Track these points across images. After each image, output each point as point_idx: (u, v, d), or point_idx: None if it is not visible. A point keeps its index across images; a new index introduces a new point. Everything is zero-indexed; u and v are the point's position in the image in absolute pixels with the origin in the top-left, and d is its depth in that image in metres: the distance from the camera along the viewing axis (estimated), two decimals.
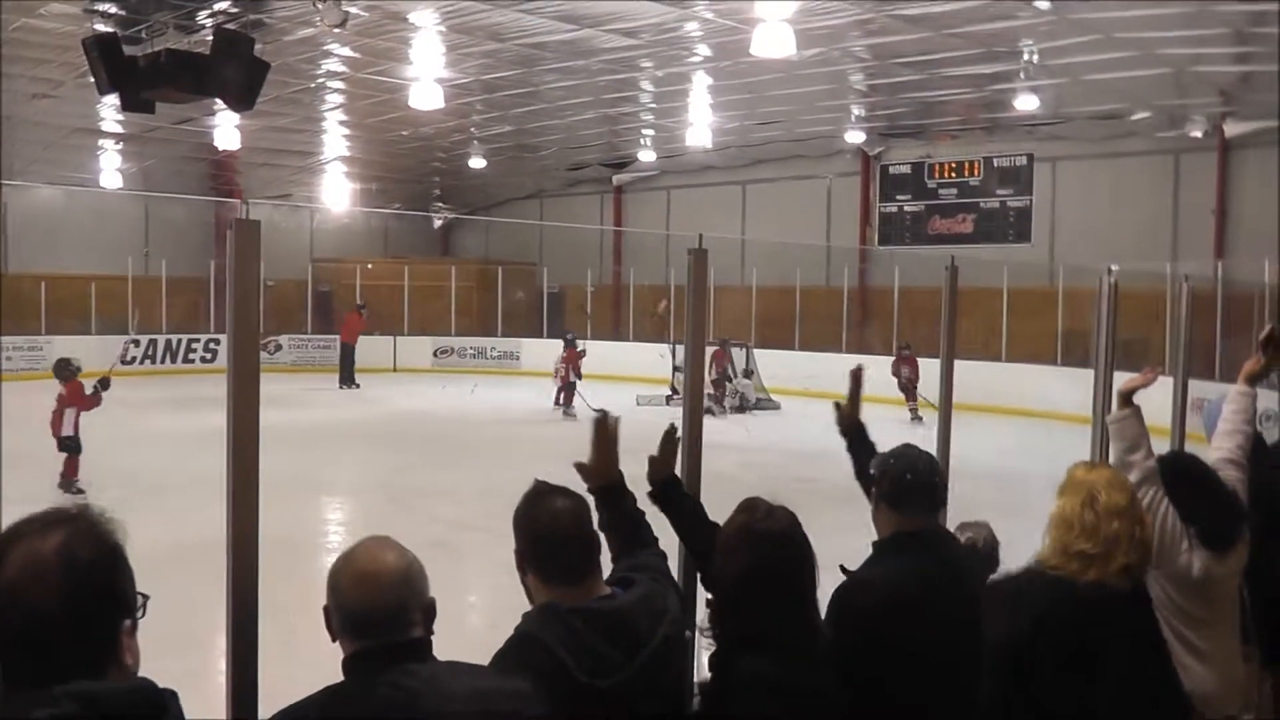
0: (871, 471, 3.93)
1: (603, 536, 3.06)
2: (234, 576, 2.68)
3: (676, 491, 3.70)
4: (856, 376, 4.68)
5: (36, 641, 1.75)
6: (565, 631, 2.61)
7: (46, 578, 1.76)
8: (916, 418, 20.59)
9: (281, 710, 2.31)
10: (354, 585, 2.34)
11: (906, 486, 3.72)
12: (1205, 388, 9.37)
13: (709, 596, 3.15)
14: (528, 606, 2.75)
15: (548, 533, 2.78)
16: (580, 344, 24.18)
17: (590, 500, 3.04)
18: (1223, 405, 5.34)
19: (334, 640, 2.38)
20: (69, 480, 13.57)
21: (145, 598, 1.88)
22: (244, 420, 2.69)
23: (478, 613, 9.50)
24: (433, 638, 2.40)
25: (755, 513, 3.09)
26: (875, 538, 3.81)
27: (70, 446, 13.63)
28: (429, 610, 2.39)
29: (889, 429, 4.78)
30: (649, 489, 3.64)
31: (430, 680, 2.27)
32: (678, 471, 3.75)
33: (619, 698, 2.59)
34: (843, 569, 3.65)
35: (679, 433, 3.75)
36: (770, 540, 3.00)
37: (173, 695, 1.87)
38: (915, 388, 21.40)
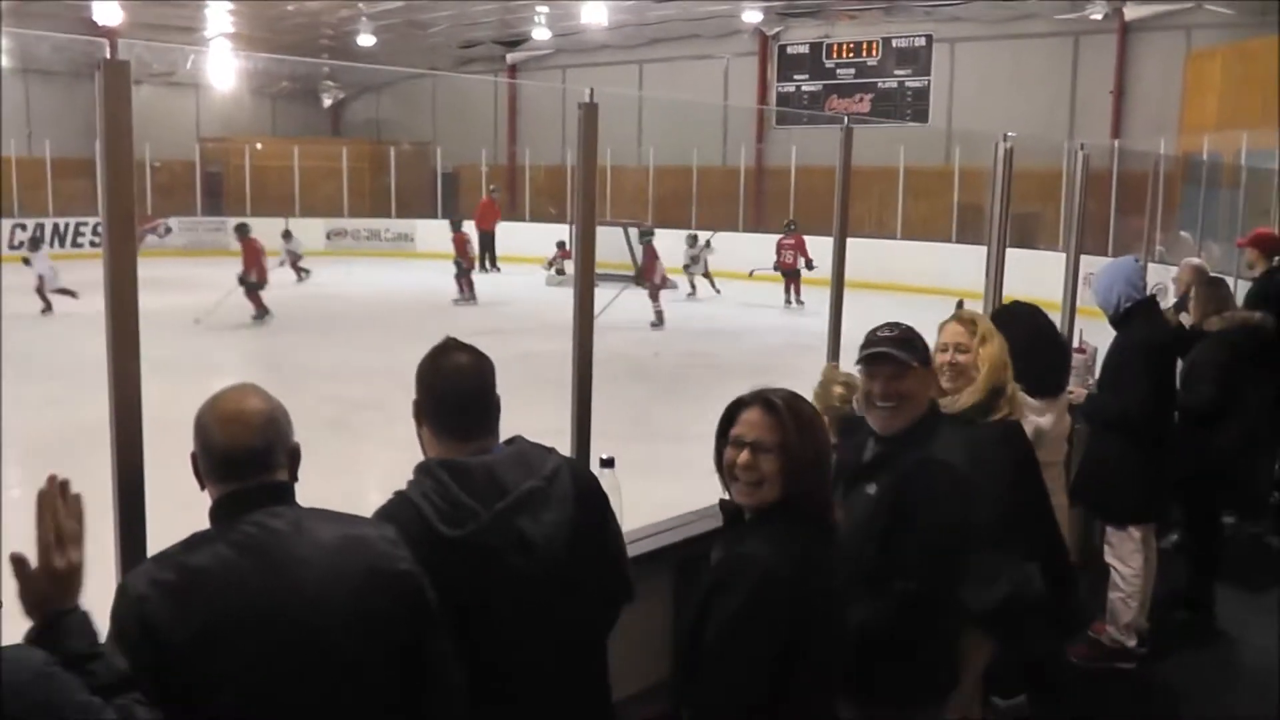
0: None
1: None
2: (118, 457, 2.67)
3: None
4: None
5: None
6: (432, 484, 2.63)
7: None
8: (797, 301, 20.72)
9: (151, 556, 2.32)
10: (220, 427, 2.33)
11: None
12: (1097, 262, 9.48)
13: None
14: None
15: (448, 386, 2.74)
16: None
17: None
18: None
19: (202, 488, 2.38)
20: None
21: None
22: (121, 274, 2.61)
23: (376, 492, 9.43)
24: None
25: None
26: None
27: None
28: (294, 454, 2.41)
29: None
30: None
31: (294, 522, 2.30)
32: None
33: (475, 547, 2.57)
34: None
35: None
36: None
37: (78, 615, 1.95)
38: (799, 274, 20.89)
